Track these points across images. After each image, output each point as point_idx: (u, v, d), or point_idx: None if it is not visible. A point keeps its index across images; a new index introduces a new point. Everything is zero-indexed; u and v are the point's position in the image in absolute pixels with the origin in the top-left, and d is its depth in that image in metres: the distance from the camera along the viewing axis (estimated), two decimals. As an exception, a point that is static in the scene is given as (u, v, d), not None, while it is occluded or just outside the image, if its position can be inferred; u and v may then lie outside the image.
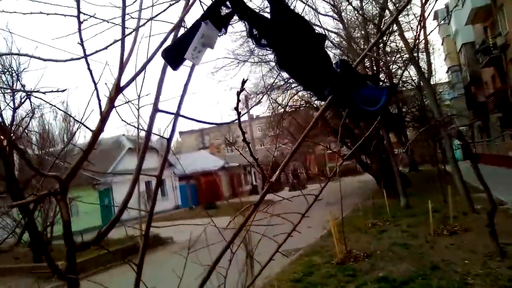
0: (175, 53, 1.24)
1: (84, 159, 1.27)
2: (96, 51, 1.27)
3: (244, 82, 1.30)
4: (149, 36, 1.37)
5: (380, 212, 12.91)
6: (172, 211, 29.54)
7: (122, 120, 1.44)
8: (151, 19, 1.35)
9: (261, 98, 20.38)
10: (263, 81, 20.01)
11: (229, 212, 7.21)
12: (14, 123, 12.14)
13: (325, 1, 17.12)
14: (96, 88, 1.28)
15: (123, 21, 1.31)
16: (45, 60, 1.26)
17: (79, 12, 1.24)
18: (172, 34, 1.32)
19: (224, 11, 1.32)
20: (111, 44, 1.26)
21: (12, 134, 12.20)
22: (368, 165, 24.06)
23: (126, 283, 1.86)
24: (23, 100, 11.92)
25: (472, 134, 37.87)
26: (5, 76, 12.08)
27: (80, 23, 1.25)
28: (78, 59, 1.23)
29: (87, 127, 1.33)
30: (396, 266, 7.13)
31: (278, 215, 2.31)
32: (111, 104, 1.27)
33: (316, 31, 1.30)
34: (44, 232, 16.10)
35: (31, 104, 13.16)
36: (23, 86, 12.34)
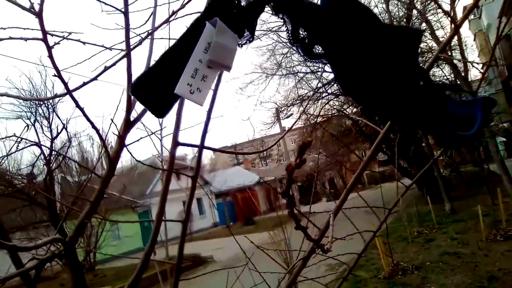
0: (157, 86, 0.75)
1: (93, 212, 1.12)
2: (83, 84, 1.02)
3: (305, 144, 0.85)
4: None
5: (424, 219, 12.37)
6: (210, 229, 29.55)
7: (136, 160, 1.30)
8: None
9: (291, 110, 20.16)
10: (292, 93, 19.86)
11: (268, 227, 7.04)
12: (52, 153, 12.43)
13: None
14: (94, 128, 1.08)
15: (128, 42, 1.03)
16: (25, 99, 1.12)
17: (44, 33, 0.93)
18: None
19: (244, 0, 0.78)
20: (100, 74, 1.03)
21: (51, 164, 12.52)
22: (407, 170, 23.32)
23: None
24: (59, 130, 12.21)
25: (514, 129, 36.29)
26: (41, 108, 12.42)
27: (49, 48, 0.93)
28: (62, 95, 1.06)
29: (96, 175, 1.18)
30: (449, 278, 6.69)
31: (333, 258, 2.12)
32: (121, 143, 1.09)
33: (406, 25, 0.81)
34: (87, 257, 16.39)
35: (67, 134, 13.47)
36: (58, 117, 12.67)
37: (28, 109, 12.44)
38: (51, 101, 12.07)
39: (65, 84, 0.93)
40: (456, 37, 13.79)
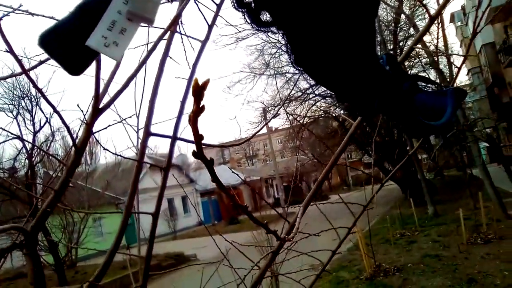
0: (69, 39, 0.65)
1: (57, 200, 1.08)
2: (40, 63, 0.90)
3: (200, 86, 0.70)
4: (143, 45, 1.15)
5: (407, 221, 12.48)
6: (195, 227, 29.40)
7: (104, 148, 1.26)
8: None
9: (278, 110, 20.19)
10: (280, 94, 19.87)
11: (252, 226, 7.02)
12: (34, 147, 12.21)
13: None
14: (56, 112, 1.00)
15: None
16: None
17: None
18: (164, 39, 1.02)
19: None
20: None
21: (33, 158, 12.31)
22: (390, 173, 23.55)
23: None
24: (42, 124, 12.00)
25: (497, 136, 36.84)
26: (24, 101, 12.19)
27: None
28: (18, 74, 1.00)
29: (61, 162, 1.14)
30: (430, 280, 6.76)
31: (307, 253, 2.12)
32: (88, 131, 1.04)
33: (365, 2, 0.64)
34: (68, 254, 16.16)
35: (50, 127, 13.26)
36: (42, 111, 12.43)
37: (11, 102, 12.20)
38: (34, 93, 11.84)
39: (19, 62, 0.83)
40: (442, 37, 13.95)
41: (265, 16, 0.72)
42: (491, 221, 10.03)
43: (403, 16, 16.48)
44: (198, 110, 0.59)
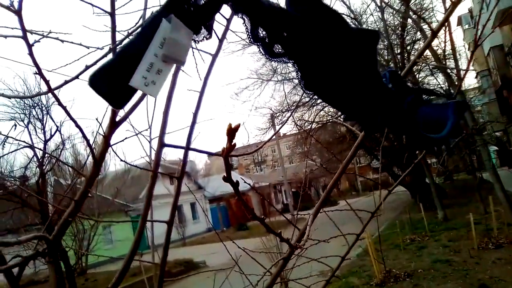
0: (114, 79, 0.75)
1: (77, 210, 1.12)
2: (65, 82, 1.01)
3: (232, 131, 0.79)
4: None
5: (417, 226, 12.41)
6: (204, 234, 29.43)
7: (121, 160, 1.31)
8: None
9: (287, 119, 20.24)
10: (287, 100, 19.91)
11: (261, 233, 7.04)
12: (45, 155, 12.35)
13: (345, 14, 16.96)
14: (78, 127, 1.05)
15: (114, 42, 1.05)
16: (9, 97, 1.14)
17: (24, 31, 0.92)
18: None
19: None
20: (82, 72, 1.02)
21: (44, 166, 12.44)
22: (400, 177, 23.44)
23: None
24: (53, 132, 12.13)
25: (507, 139, 36.52)
26: (35, 110, 12.34)
27: (29, 45, 0.93)
28: (45, 93, 1.06)
29: (81, 174, 1.19)
30: (441, 285, 6.72)
31: (317, 260, 2.14)
32: (106, 143, 1.09)
33: (364, 28, 0.85)
34: (78, 261, 16.26)
35: (61, 136, 13.38)
36: (52, 119, 12.59)
37: (22, 111, 12.35)
38: (45, 102, 12.00)
39: (47, 82, 0.93)
40: (450, 46, 13.92)
41: (277, 49, 0.82)
42: (502, 225, 9.94)
43: (410, 20, 16.46)
44: (230, 147, 0.74)
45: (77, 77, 1.00)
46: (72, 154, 18.93)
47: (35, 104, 12.26)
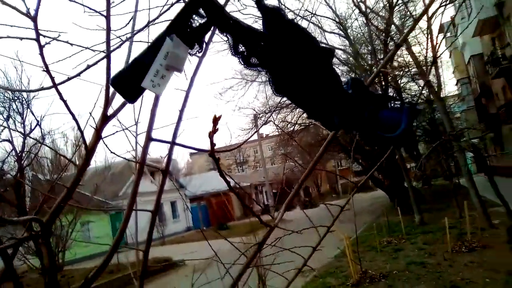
0: (129, 81, 0.97)
1: (69, 197, 1.18)
2: (67, 80, 1.12)
3: (216, 119, 1.00)
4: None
5: (394, 229, 12.63)
6: (183, 233, 29.36)
7: (112, 152, 1.36)
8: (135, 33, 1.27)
9: (268, 118, 20.33)
10: (270, 101, 20.01)
11: (241, 232, 7.09)
12: (24, 149, 12.18)
13: (330, 19, 17.18)
14: (75, 119, 1.15)
15: (108, 43, 1.15)
16: (13, 91, 1.19)
17: (38, 34, 1.07)
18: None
19: (197, 21, 1.02)
20: (83, 71, 1.12)
21: (22, 161, 12.26)
22: (380, 181, 23.74)
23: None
24: (33, 127, 11.99)
25: (484, 146, 37.37)
26: (15, 103, 12.17)
27: (41, 47, 1.08)
28: (48, 88, 1.12)
29: (73, 163, 1.24)
30: (414, 287, 6.89)
31: (289, 249, 2.21)
32: (97, 136, 1.17)
33: (322, 45, 1.06)
34: (55, 258, 16.06)
35: (41, 131, 13.20)
36: (33, 113, 12.43)
37: (1, 104, 12.17)
38: (25, 96, 11.84)
39: (52, 78, 1.04)
40: (431, 54, 14.19)
41: (254, 60, 1.06)
42: (476, 229, 10.22)
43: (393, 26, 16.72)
44: (215, 130, 0.97)
45: (79, 75, 1.13)
46: (52, 149, 18.69)
47: (15, 98, 12.10)
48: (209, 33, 1.24)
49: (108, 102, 1.15)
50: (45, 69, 1.06)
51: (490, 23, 24.29)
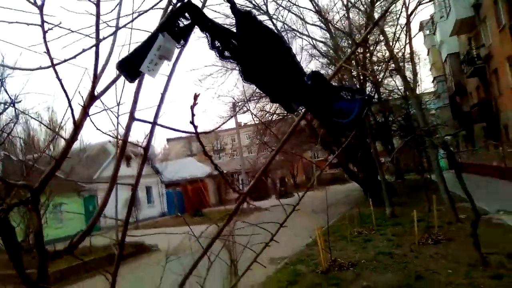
0: (131, 65, 1.18)
1: (57, 168, 1.25)
2: (64, 60, 1.25)
3: (196, 96, 1.24)
4: (126, 45, 1.34)
5: (366, 221, 12.95)
6: (158, 218, 29.31)
7: (97, 129, 1.43)
8: (127, 24, 1.33)
9: (243, 105, 20.38)
10: (250, 90, 20.04)
11: (216, 219, 7.17)
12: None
13: (312, 11, 17.26)
14: (67, 97, 1.25)
15: (97, 29, 1.27)
16: (12, 68, 1.26)
17: (43, 21, 1.22)
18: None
19: (183, 22, 1.25)
20: (79, 54, 1.24)
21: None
22: (355, 174, 24.16)
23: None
24: (6, 106, 11.71)
25: (457, 143, 38.40)
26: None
27: (44, 32, 1.22)
28: (46, 68, 1.21)
29: (61, 136, 1.32)
30: (381, 275, 7.15)
31: (257, 225, 2.30)
32: (85, 113, 1.26)
33: (284, 43, 1.28)
34: (26, 239, 15.84)
35: (15, 110, 12.90)
36: (7, 92, 12.12)
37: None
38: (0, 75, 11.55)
39: (51, 60, 1.17)
40: (408, 50, 14.48)
41: (227, 53, 1.30)
42: (443, 223, 10.60)
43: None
44: (195, 104, 1.23)
45: (75, 57, 1.29)
46: (25, 129, 18.34)
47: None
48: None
49: (95, 83, 1.24)
50: (46, 52, 1.21)
51: (467, 23, 24.82)
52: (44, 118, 18.73)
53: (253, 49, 1.24)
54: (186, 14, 1.25)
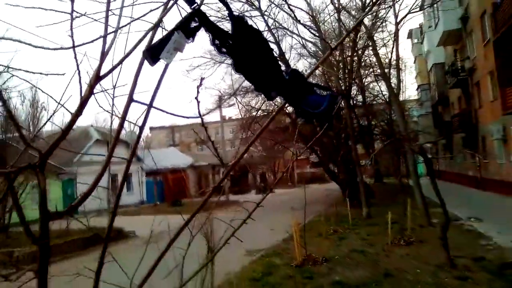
0: (153, 53, 1.44)
1: (63, 138, 1.38)
2: (83, 43, 1.43)
3: (202, 79, 1.50)
4: (128, 32, 1.54)
5: (342, 220, 13.25)
6: (136, 206, 29.23)
7: (100, 106, 1.56)
8: (132, 20, 1.50)
9: (230, 97, 20.49)
10: (237, 84, 20.12)
11: (195, 209, 7.28)
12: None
13: (304, 11, 17.45)
14: (79, 75, 1.40)
15: (107, 17, 1.46)
16: (36, 47, 1.37)
17: (72, 10, 1.41)
18: (150, 33, 1.51)
19: (193, 24, 1.54)
20: (97, 39, 1.43)
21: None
22: (335, 174, 24.52)
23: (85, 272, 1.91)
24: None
25: (436, 151, 39.23)
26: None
27: (72, 19, 1.41)
28: (67, 48, 1.36)
29: (66, 109, 1.44)
30: (352, 271, 7.40)
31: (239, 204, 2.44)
32: (90, 91, 1.40)
33: (268, 45, 1.61)
34: (1, 219, 15.71)
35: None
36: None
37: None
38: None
39: (73, 41, 1.38)
40: (394, 57, 14.80)
41: (223, 50, 1.60)
42: (416, 226, 10.95)
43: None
44: (199, 89, 1.60)
45: (92, 41, 1.48)
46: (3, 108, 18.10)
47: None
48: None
49: (102, 62, 1.39)
50: (70, 35, 1.41)
51: (454, 35, 25.35)
52: (27, 98, 18.55)
53: (244, 47, 1.58)
54: (196, 19, 1.55)
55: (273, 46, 18.74)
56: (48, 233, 1.44)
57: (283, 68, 1.67)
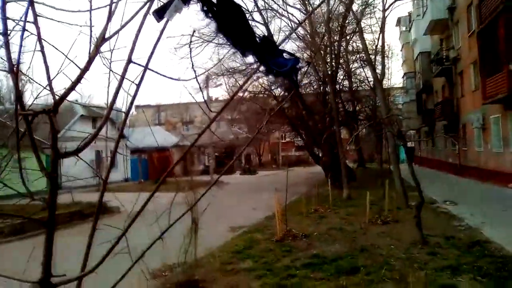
0: (159, 12, 1.64)
1: (72, 89, 1.56)
2: (98, 8, 1.64)
3: (194, 32, 1.70)
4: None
5: (323, 200, 13.61)
6: (120, 183, 29.28)
7: (104, 64, 1.73)
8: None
9: (216, 77, 20.56)
10: (224, 64, 20.17)
11: (179, 188, 7.49)
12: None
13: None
14: (90, 35, 1.58)
15: None
16: (56, 8, 1.54)
17: None
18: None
19: None
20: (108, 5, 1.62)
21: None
22: (319, 157, 24.91)
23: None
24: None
25: (419, 137, 39.98)
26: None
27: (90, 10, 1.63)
28: (85, 11, 1.54)
29: (75, 64, 1.61)
30: (330, 246, 7.75)
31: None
32: (96, 51, 1.58)
33: (244, 14, 1.86)
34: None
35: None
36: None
37: None
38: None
39: (91, 4, 1.47)
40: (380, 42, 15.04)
41: (210, 15, 1.79)
42: (394, 208, 11.35)
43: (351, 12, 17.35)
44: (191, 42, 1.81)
45: (106, 6, 1.62)
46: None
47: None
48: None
49: (107, 25, 1.58)
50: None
51: (441, 24, 25.66)
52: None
53: (225, 13, 1.83)
54: None
55: (261, 27, 18.85)
56: (57, 169, 1.63)
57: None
